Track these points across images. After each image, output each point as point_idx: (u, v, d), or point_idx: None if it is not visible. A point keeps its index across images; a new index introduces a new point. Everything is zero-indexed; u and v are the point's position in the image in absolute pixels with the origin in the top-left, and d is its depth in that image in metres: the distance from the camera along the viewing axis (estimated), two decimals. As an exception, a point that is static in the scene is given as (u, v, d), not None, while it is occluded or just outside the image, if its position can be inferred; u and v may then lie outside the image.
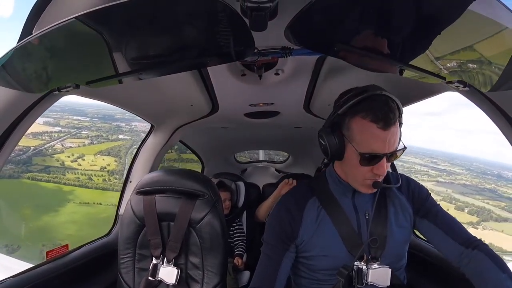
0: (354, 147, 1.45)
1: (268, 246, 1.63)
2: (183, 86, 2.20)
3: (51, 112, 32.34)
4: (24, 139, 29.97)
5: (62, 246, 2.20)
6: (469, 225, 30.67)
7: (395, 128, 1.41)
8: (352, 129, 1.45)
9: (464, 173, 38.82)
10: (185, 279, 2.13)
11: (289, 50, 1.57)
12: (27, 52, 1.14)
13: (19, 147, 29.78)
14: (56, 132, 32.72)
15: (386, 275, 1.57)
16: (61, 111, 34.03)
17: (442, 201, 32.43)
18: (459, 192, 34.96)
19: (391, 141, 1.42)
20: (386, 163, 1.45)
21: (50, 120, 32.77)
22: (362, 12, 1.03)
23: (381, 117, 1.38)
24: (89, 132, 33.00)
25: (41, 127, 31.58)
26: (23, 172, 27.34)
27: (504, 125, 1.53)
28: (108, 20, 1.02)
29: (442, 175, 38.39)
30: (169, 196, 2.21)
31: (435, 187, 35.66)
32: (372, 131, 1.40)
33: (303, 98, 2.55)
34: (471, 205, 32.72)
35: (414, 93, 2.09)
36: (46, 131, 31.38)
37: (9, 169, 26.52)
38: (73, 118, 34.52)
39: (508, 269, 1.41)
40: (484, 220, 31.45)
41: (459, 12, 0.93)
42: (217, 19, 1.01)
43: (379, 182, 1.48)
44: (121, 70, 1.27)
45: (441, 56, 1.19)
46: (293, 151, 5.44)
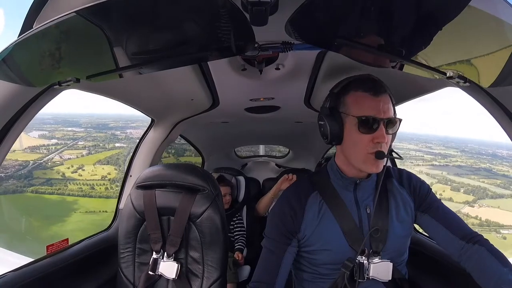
0: (352, 116, 1.50)
1: (269, 241, 1.64)
2: (184, 80, 2.19)
3: (45, 125, 32.77)
4: (22, 154, 30.39)
5: (62, 240, 2.20)
6: (465, 204, 31.01)
7: (386, 97, 1.52)
8: (347, 103, 1.53)
9: (459, 155, 38.99)
10: (185, 274, 2.13)
11: (290, 45, 1.57)
12: (27, 46, 1.14)
13: (18, 162, 30.58)
14: (53, 144, 32.98)
15: (387, 269, 1.57)
16: (55, 124, 34.38)
17: (438, 183, 32.78)
18: (454, 173, 35.18)
19: (385, 107, 1.48)
20: (386, 133, 1.48)
21: (45, 133, 33.15)
22: (363, 7, 1.03)
23: (371, 87, 1.50)
24: (86, 142, 33.25)
25: (38, 141, 32.03)
26: (25, 186, 27.82)
27: (505, 120, 1.53)
28: (109, 14, 1.02)
29: (437, 158, 38.53)
30: (169, 190, 2.21)
31: (430, 170, 35.88)
32: (365, 99, 1.50)
33: (304, 93, 2.54)
34: (467, 185, 32.95)
35: (414, 88, 2.08)
36: (43, 145, 31.77)
37: (11, 185, 27.23)
38: (67, 130, 34.77)
39: (509, 264, 1.41)
40: (480, 198, 31.77)
41: (460, 8, 0.93)
42: (217, 13, 1.01)
43: (381, 151, 1.48)
44: (122, 64, 1.27)
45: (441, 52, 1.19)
46: (293, 146, 5.44)
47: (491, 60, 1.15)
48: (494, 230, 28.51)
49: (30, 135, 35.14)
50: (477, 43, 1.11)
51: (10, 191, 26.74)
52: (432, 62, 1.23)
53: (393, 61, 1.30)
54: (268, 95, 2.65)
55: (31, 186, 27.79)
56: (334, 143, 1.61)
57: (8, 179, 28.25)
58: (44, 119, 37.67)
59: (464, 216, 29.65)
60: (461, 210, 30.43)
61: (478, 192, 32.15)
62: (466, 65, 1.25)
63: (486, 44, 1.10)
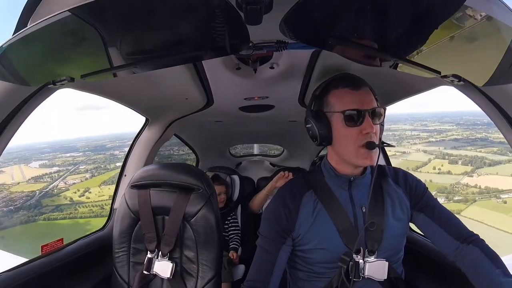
0: (336, 113, 1.53)
1: (264, 239, 1.64)
2: (178, 79, 2.19)
3: (43, 154, 33.27)
4: (27, 185, 31.01)
5: (57, 240, 2.20)
6: (464, 175, 31.43)
7: (367, 89, 1.57)
8: (330, 102, 1.58)
9: (454, 129, 39.52)
10: (180, 273, 2.12)
11: (284, 44, 1.57)
12: (22, 45, 1.14)
13: (25, 193, 31.48)
14: (55, 172, 33.53)
15: (383, 268, 1.57)
16: (53, 152, 35.16)
17: (436, 159, 33.13)
18: (451, 147, 35.61)
19: (367, 99, 1.53)
20: (373, 123, 1.50)
21: (46, 162, 34.40)
22: (357, 6, 1.03)
23: (349, 82, 1.56)
24: (87, 166, 33.69)
25: (39, 170, 33.16)
26: (36, 215, 28.63)
27: (499, 119, 1.54)
28: (102, 13, 1.02)
29: (433, 135, 38.90)
30: (163, 190, 2.21)
31: (427, 147, 36.27)
32: (346, 93, 1.54)
33: (298, 92, 2.55)
34: (464, 156, 33.39)
35: (408, 87, 2.09)
36: (45, 173, 32.85)
37: (22, 215, 28.22)
38: (66, 156, 35.39)
39: (502, 265, 1.42)
40: (478, 167, 32.29)
41: (455, 7, 0.94)
42: (212, 12, 1.01)
43: (372, 141, 1.50)
44: (116, 63, 1.27)
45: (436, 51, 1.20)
46: (288, 145, 5.43)
47: (485, 59, 1.16)
48: (494, 196, 28.93)
49: (31, 166, 36.21)
50: (471, 42, 1.12)
51: (23, 221, 27.48)
52: (426, 61, 1.24)
53: (387, 60, 1.31)
54: (262, 94, 2.65)
55: (42, 214, 28.64)
56: (324, 144, 1.63)
57: (18, 211, 29.27)
58: (41, 148, 38.26)
59: (464, 186, 30.07)
60: (461, 181, 30.83)
61: (476, 162, 32.55)
62: (460, 64, 1.26)
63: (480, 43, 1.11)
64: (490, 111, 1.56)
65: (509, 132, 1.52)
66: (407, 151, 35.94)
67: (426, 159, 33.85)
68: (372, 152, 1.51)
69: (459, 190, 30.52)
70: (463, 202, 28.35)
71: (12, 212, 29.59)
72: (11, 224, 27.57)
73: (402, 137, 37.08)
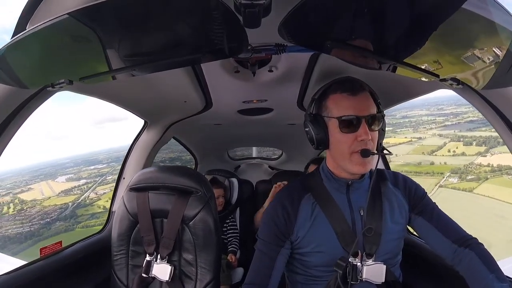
0: (333, 118, 1.53)
1: (262, 243, 1.64)
2: (177, 82, 2.19)
3: (67, 169, 34.21)
4: (58, 198, 32.77)
5: (56, 243, 2.19)
6: (478, 155, 31.50)
7: (365, 94, 1.56)
8: (328, 107, 1.58)
9: (471, 110, 39.51)
10: (178, 276, 2.12)
11: (283, 47, 1.57)
12: (21, 48, 1.14)
13: (58, 206, 33.83)
14: (83, 184, 34.41)
15: (380, 271, 1.58)
16: (76, 166, 36.16)
17: (451, 142, 33.30)
18: (466, 129, 35.66)
19: (364, 105, 1.52)
20: (370, 130, 1.51)
21: (72, 176, 36.01)
22: (356, 9, 1.04)
23: (348, 87, 1.55)
24: (114, 176, 34.36)
25: (67, 184, 35.76)
26: (74, 224, 30.13)
27: (497, 122, 1.54)
28: (101, 16, 1.02)
29: (449, 118, 38.86)
30: (162, 192, 2.21)
31: (442, 131, 36.40)
32: (344, 99, 1.54)
33: (297, 95, 2.55)
34: (478, 137, 33.54)
35: (407, 91, 2.10)
36: (74, 187, 34.80)
37: (60, 225, 30.64)
38: (91, 168, 36.27)
39: (497, 269, 1.42)
40: (492, 147, 32.45)
41: (453, 10, 0.94)
42: (210, 15, 1.01)
43: (367, 149, 1.50)
44: (114, 66, 1.27)
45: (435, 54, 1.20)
46: (286, 148, 5.43)
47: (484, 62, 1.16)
48: (505, 173, 28.98)
49: (58, 181, 37.93)
50: (470, 46, 1.12)
51: (62, 230, 28.29)
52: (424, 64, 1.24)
53: (386, 63, 1.31)
54: (261, 97, 2.66)
55: (79, 223, 29.85)
56: (321, 147, 1.63)
57: (55, 222, 30.89)
58: (64, 163, 39.33)
59: (477, 166, 30.22)
60: (474, 162, 30.91)
61: (489, 142, 32.60)
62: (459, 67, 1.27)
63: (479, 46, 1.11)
64: (489, 115, 1.56)
65: (508, 135, 1.52)
66: (422, 136, 35.99)
67: (441, 143, 34.09)
68: (367, 159, 1.52)
69: (472, 169, 30.63)
70: (475, 181, 28.50)
71: (49, 223, 31.30)
72: (52, 234, 28.89)
73: (418, 123, 37.17)
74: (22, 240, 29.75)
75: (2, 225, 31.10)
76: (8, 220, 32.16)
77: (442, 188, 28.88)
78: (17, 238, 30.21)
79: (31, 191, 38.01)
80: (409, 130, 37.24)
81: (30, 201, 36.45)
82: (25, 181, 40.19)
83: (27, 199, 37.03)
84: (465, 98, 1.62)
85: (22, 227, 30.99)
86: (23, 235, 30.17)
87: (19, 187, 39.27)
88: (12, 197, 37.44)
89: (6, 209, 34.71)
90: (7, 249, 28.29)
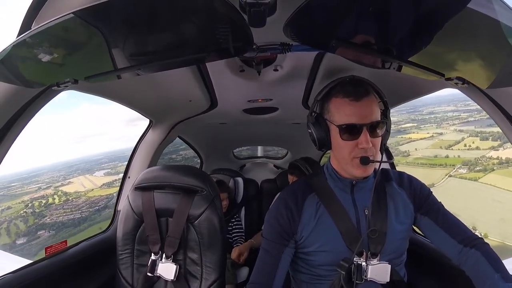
0: (334, 124, 1.52)
1: (267, 242, 1.63)
2: (182, 81, 2.19)
3: (102, 164, 38.93)
4: (102, 190, 35.38)
5: (61, 242, 2.20)
6: (491, 149, 31.54)
7: (369, 100, 1.50)
8: (330, 110, 1.55)
9: None
10: (183, 275, 2.12)
11: (288, 46, 1.57)
12: (26, 47, 1.14)
13: (104, 196, 35.99)
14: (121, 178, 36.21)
15: (385, 271, 1.56)
16: (110, 161, 39.25)
17: (469, 137, 33.44)
18: (487, 125, 35.68)
19: (367, 111, 1.48)
20: (371, 137, 1.48)
21: (110, 171, 38.66)
22: (361, 8, 1.03)
23: (351, 91, 1.49)
24: None
25: (107, 178, 37.77)
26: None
27: (503, 121, 1.53)
28: (106, 15, 1.02)
29: (473, 114, 38.83)
30: (167, 192, 2.21)
31: (463, 127, 36.37)
32: (345, 105, 1.50)
33: (302, 94, 2.54)
34: (496, 133, 33.59)
35: (413, 90, 2.09)
36: (114, 180, 36.92)
37: (108, 213, 30.51)
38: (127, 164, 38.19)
39: (503, 269, 1.41)
40: (506, 141, 32.35)
41: (458, 10, 0.93)
42: (215, 15, 1.01)
43: (366, 157, 1.48)
44: (120, 65, 1.28)
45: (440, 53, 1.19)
46: (292, 147, 5.41)
47: (489, 62, 1.16)
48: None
49: (96, 175, 40.32)
50: (475, 45, 1.12)
51: (108, 218, 30.05)
52: (429, 63, 1.24)
53: (391, 62, 1.30)
54: (266, 96, 2.65)
55: None
56: (324, 149, 1.63)
57: (104, 210, 33.05)
58: (98, 159, 42.10)
59: (487, 159, 30.27)
60: (486, 155, 31.02)
61: (504, 137, 32.67)
62: (464, 66, 1.26)
63: (484, 46, 1.10)
64: (494, 114, 1.56)
65: None
66: (443, 132, 36.15)
67: (459, 138, 34.50)
68: (367, 166, 1.51)
69: (482, 162, 30.74)
70: (482, 172, 28.64)
71: (99, 211, 33.03)
72: (102, 219, 30.78)
73: (443, 119, 37.24)
74: (76, 224, 31.58)
75: (52, 213, 32.92)
76: (57, 209, 33.97)
77: (451, 177, 29.00)
78: (70, 223, 32.05)
79: (71, 184, 39.94)
80: (432, 126, 37.49)
81: (73, 193, 38.65)
82: (62, 176, 42.10)
83: (70, 191, 39.14)
84: (470, 97, 1.61)
85: (72, 215, 33.08)
86: (76, 220, 32.02)
87: (58, 181, 41.24)
88: (54, 190, 39.48)
89: (51, 200, 36.33)
90: (64, 231, 29.55)
